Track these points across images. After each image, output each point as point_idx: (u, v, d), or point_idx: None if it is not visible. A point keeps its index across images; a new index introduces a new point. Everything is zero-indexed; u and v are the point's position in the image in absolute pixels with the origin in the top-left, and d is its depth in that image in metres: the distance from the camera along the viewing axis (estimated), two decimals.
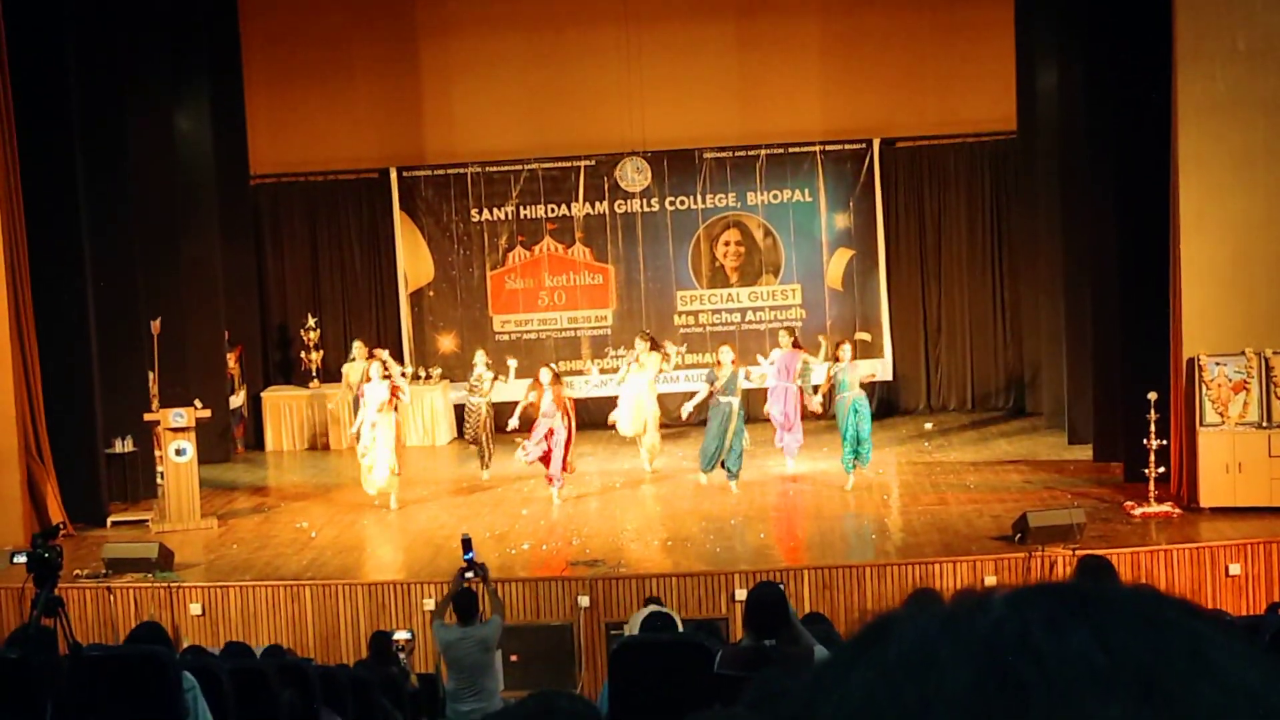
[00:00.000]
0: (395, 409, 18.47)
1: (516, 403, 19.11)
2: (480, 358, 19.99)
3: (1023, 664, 0.95)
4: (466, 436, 20.12)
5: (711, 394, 18.44)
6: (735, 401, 18.24)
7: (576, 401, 19.82)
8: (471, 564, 11.03)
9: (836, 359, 18.35)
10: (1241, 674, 0.96)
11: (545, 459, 18.16)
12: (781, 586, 9.15)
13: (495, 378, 19.69)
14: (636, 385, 19.47)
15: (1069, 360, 19.97)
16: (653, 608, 12.75)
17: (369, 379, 18.45)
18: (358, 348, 20.68)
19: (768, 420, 19.93)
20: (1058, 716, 0.93)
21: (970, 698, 0.95)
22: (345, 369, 20.94)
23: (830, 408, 19.11)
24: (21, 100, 17.14)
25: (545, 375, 18.34)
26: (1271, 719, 0.96)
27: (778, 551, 15.93)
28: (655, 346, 19.85)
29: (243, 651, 10.97)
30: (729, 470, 18.28)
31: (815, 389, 18.77)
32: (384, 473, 18.20)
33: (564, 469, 18.20)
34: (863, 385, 18.49)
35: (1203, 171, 15.82)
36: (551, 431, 18.06)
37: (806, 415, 19.41)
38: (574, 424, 18.52)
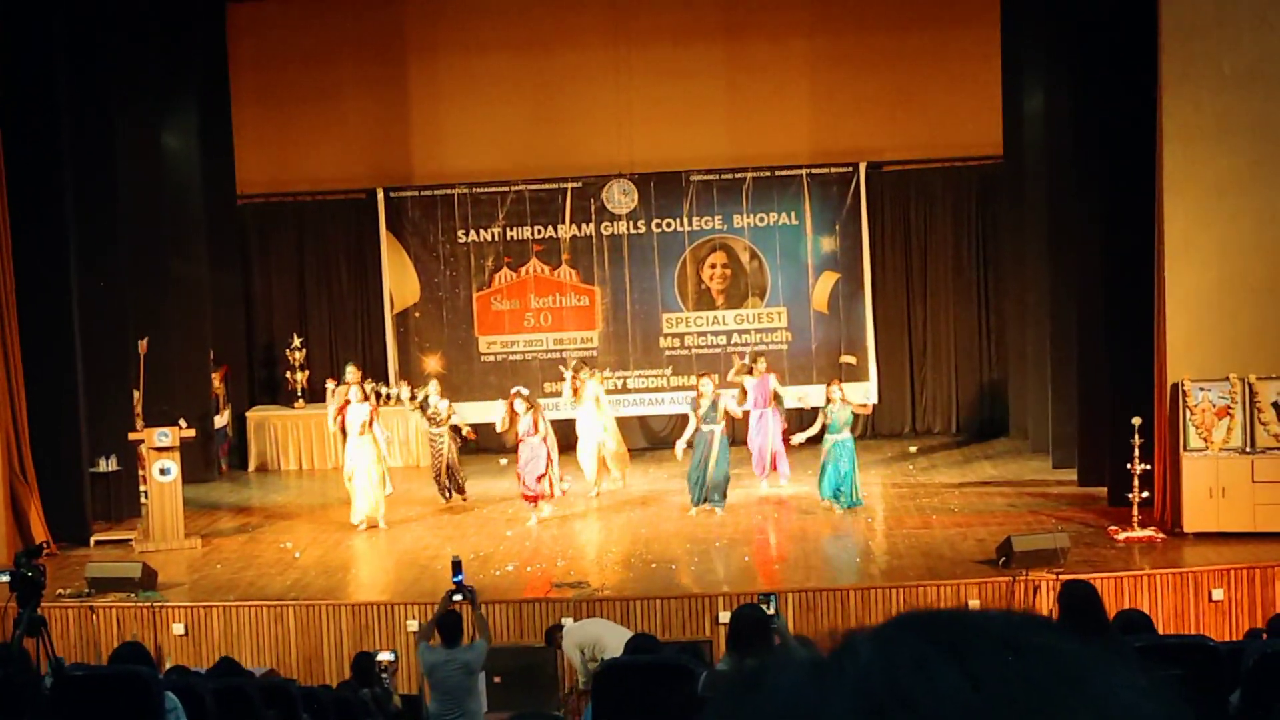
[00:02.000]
0: (374, 431, 18.46)
1: (493, 424, 19.21)
2: (433, 386, 19.73)
3: (896, 711, 0.93)
4: (434, 471, 19.69)
5: (697, 425, 18.45)
6: (717, 429, 18.29)
7: (556, 424, 19.71)
8: (460, 587, 11.00)
9: (829, 399, 18.32)
10: (1114, 694, 0.95)
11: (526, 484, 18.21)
12: (776, 599, 9.12)
13: (450, 405, 19.55)
14: (583, 412, 19.62)
15: (1054, 384, 19.98)
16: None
17: (349, 401, 18.45)
18: (351, 372, 20.51)
19: (745, 443, 19.97)
20: None
21: None
22: (338, 390, 20.76)
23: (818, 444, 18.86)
24: (9, 118, 17.15)
25: (520, 405, 18.38)
26: None
27: (761, 574, 15.92)
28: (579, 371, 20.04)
29: (232, 669, 10.96)
30: (711, 500, 18.28)
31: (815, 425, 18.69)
32: (366, 502, 18.19)
33: (550, 491, 18.23)
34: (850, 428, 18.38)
35: (1188, 196, 15.87)
36: (530, 459, 18.12)
37: (789, 438, 19.40)
38: (552, 444, 18.53)
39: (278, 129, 23.59)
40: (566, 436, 20.12)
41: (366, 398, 18.66)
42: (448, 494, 19.49)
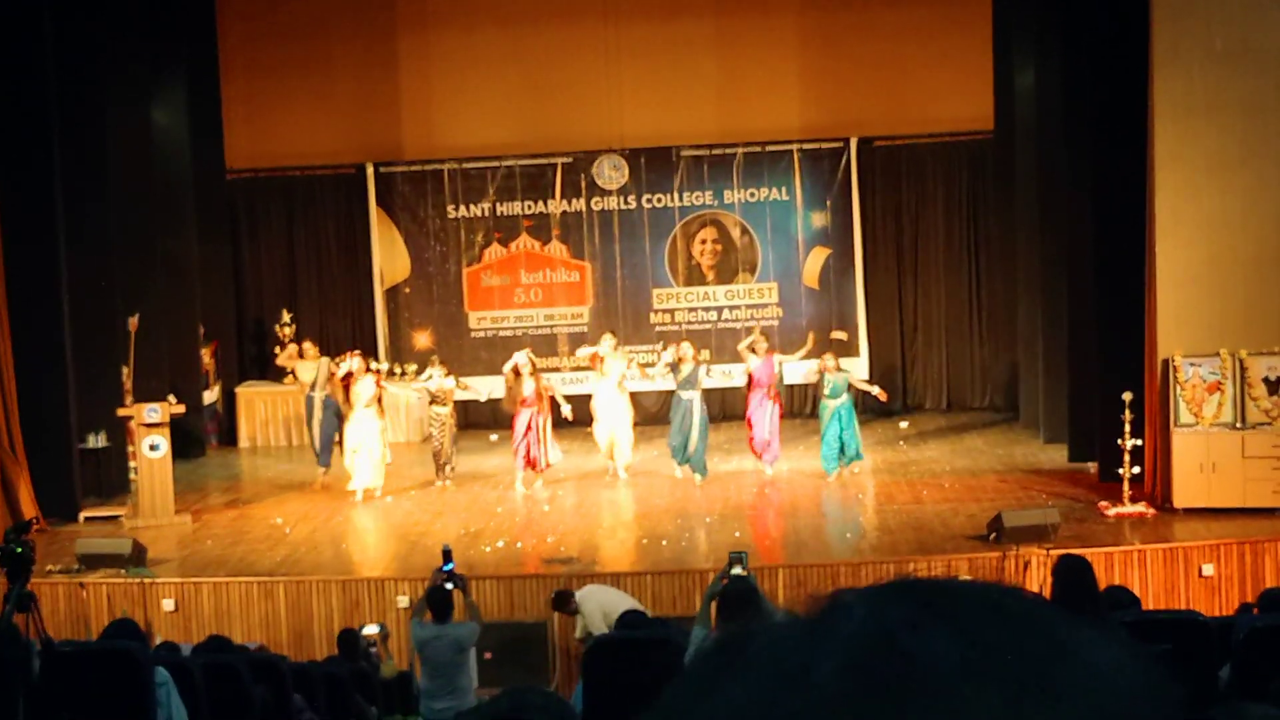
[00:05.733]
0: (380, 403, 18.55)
1: (497, 400, 19.19)
2: (437, 370, 19.15)
3: (892, 666, 0.94)
4: (435, 449, 19.26)
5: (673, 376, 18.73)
6: (696, 396, 18.40)
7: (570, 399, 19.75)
8: (451, 575, 10.97)
9: (823, 369, 18.62)
10: (1099, 656, 0.96)
11: (528, 454, 18.50)
12: (746, 557, 9.17)
13: (454, 386, 19.14)
14: (605, 387, 19.33)
15: (1045, 360, 20.01)
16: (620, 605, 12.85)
17: (352, 372, 18.63)
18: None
19: (743, 418, 19.91)
20: (934, 714, 0.92)
21: (844, 703, 0.94)
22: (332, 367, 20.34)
23: (815, 410, 19.36)
24: None
25: (524, 363, 18.47)
26: (1131, 697, 0.96)
27: (753, 549, 15.92)
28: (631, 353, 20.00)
29: (222, 646, 10.95)
30: (694, 466, 18.50)
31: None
32: (366, 474, 18.31)
33: (546, 464, 18.57)
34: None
35: (1179, 172, 15.86)
36: (530, 427, 18.23)
37: (783, 415, 19.35)
38: (550, 414, 18.66)
39: (267, 104, 23.54)
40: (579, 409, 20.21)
41: (370, 370, 18.76)
42: (446, 474, 19.14)
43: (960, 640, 0.95)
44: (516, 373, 18.57)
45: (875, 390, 19.27)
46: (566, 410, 18.78)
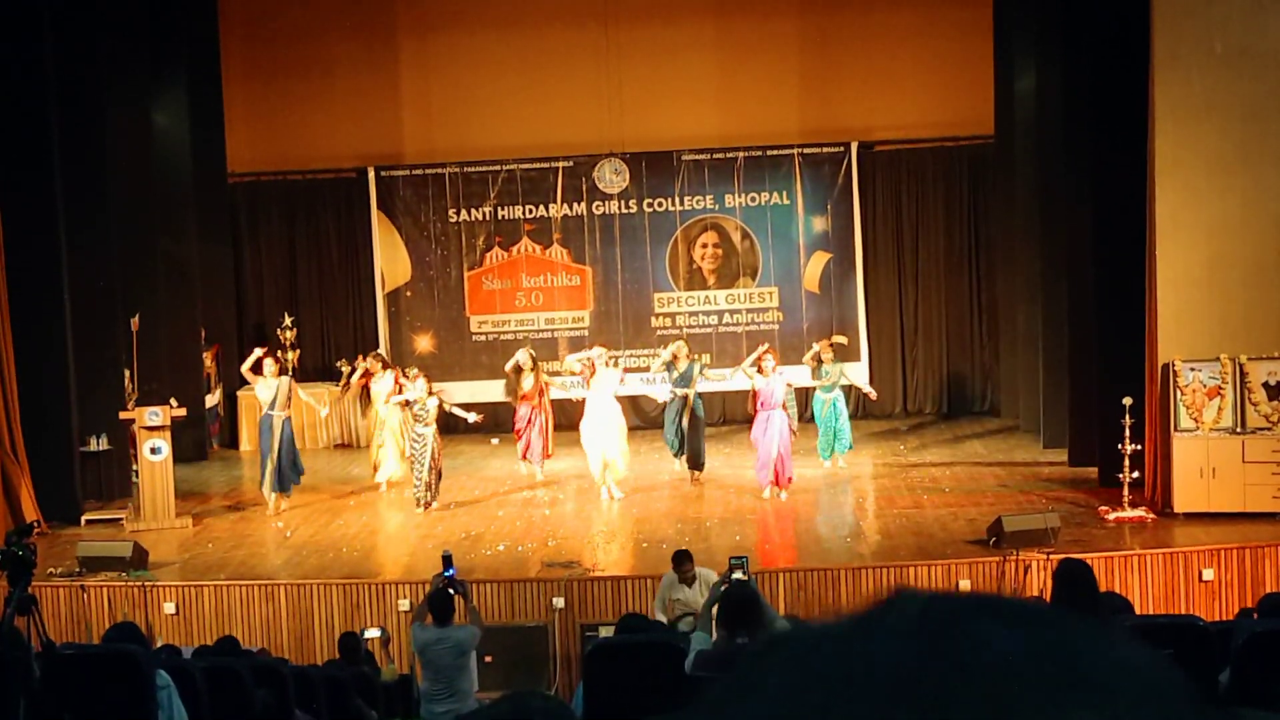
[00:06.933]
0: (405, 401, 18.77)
1: (498, 403, 19.46)
2: (421, 385, 18.21)
3: (960, 645, 0.97)
4: (414, 468, 18.14)
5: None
6: (690, 393, 18.72)
7: (555, 403, 20.04)
8: (452, 581, 10.96)
9: (820, 361, 19.26)
10: (1131, 653, 1.00)
11: (526, 447, 19.29)
12: (754, 582, 9.17)
13: (440, 405, 18.28)
14: (596, 401, 18.67)
15: (1045, 364, 20.00)
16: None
17: (371, 372, 19.41)
18: (270, 365, 19.37)
19: (744, 422, 19.90)
20: (1001, 693, 0.95)
21: (916, 679, 0.96)
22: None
23: (808, 409, 19.93)
24: None
25: (525, 360, 19.06)
26: (1166, 690, 1.00)
27: (754, 553, 15.91)
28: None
29: (232, 648, 10.97)
30: (690, 462, 18.90)
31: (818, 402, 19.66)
32: (394, 465, 18.97)
33: (545, 455, 19.28)
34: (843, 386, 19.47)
35: (1179, 176, 15.87)
36: (530, 421, 19.10)
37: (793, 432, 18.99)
38: (549, 411, 19.40)
39: (268, 108, 23.56)
40: (570, 416, 20.26)
41: (388, 366, 19.50)
42: (428, 501, 18.05)
43: (1019, 628, 0.99)
44: (518, 369, 18.98)
45: (867, 389, 20.16)
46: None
